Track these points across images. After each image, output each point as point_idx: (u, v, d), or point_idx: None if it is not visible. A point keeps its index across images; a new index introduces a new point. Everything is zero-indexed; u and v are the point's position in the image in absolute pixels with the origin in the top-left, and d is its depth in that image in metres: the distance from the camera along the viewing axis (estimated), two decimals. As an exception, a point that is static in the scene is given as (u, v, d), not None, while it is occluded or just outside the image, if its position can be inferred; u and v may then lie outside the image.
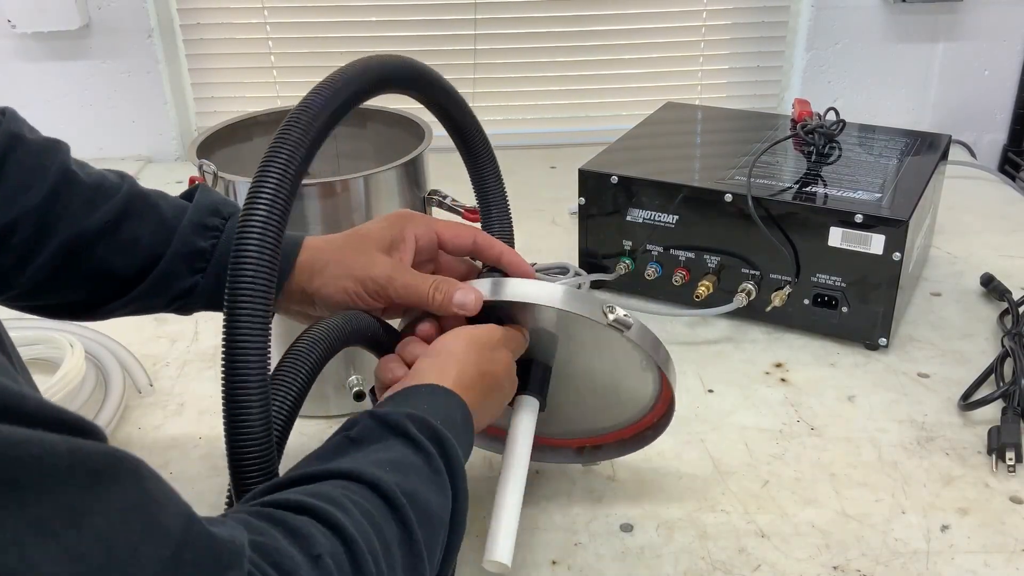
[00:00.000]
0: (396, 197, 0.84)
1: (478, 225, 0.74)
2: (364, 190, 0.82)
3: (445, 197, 0.89)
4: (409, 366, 0.63)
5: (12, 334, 0.93)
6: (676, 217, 1.02)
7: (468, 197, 0.89)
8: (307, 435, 0.86)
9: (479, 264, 0.73)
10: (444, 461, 0.53)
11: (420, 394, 0.57)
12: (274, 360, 0.53)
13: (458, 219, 0.89)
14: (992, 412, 0.86)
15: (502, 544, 0.62)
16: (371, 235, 0.67)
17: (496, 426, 0.75)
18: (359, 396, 0.86)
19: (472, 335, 0.63)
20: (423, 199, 0.87)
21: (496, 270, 0.71)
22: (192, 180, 0.79)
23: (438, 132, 0.88)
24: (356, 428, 0.53)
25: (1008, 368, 0.90)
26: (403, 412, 0.54)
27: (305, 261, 0.67)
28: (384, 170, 0.82)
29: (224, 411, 0.50)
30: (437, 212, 0.89)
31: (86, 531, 0.29)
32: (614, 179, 1.04)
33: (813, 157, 1.08)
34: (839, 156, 1.08)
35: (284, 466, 0.53)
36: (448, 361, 0.61)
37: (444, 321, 0.66)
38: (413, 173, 0.85)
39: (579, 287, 1.08)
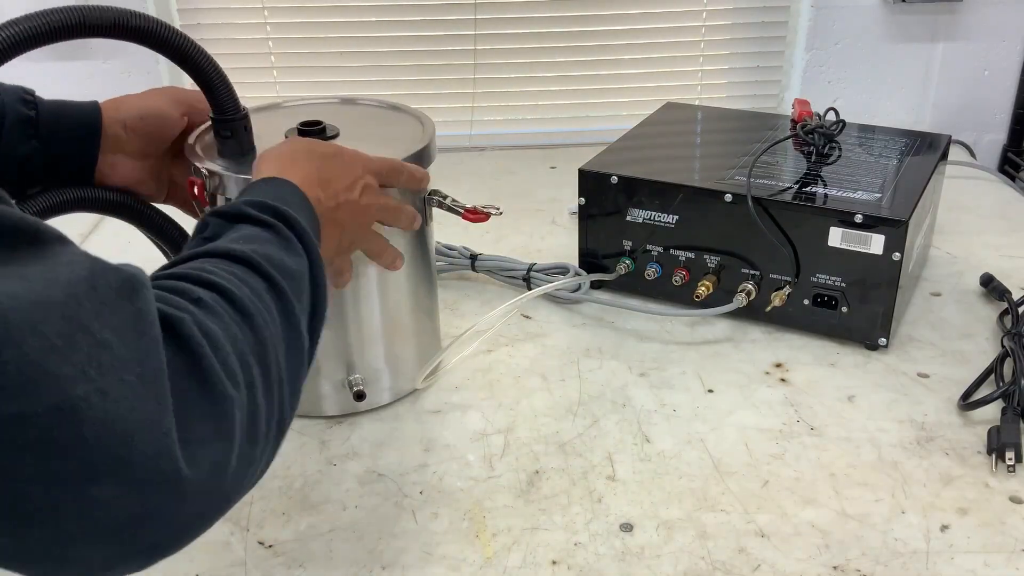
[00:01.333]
0: (398, 196, 0.84)
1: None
2: None
3: (445, 197, 0.88)
4: None
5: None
6: (676, 217, 1.02)
7: (468, 197, 0.89)
8: (307, 435, 0.86)
9: None
10: (290, 230, 0.58)
11: (253, 187, 0.64)
12: None
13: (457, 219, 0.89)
14: (992, 412, 0.86)
15: None
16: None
17: None
18: (359, 396, 0.86)
19: (289, 140, 0.73)
20: (423, 199, 0.87)
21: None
22: (191, 182, 0.79)
23: (441, 132, 0.88)
24: (208, 229, 0.58)
25: (1008, 368, 0.90)
26: (241, 201, 0.60)
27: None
28: None
29: None
30: (437, 213, 0.89)
31: (30, 268, 0.40)
32: (614, 179, 1.04)
33: (813, 157, 1.08)
34: (839, 156, 1.08)
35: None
36: (278, 158, 0.68)
37: None
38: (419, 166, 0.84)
39: (579, 287, 1.08)
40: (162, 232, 0.82)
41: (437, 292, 0.94)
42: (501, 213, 0.88)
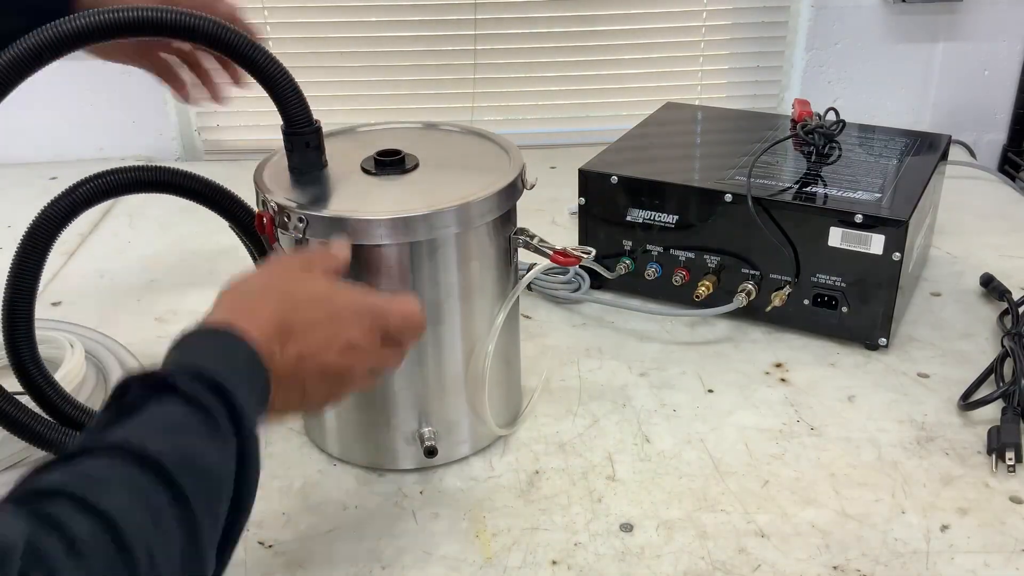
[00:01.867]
0: (486, 237, 0.76)
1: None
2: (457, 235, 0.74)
3: (532, 237, 0.79)
4: None
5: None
6: (676, 217, 1.02)
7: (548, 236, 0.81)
8: (307, 436, 0.86)
9: None
10: (226, 410, 0.51)
11: (194, 339, 0.56)
12: None
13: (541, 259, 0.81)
14: (992, 412, 0.86)
15: None
16: None
17: None
18: (430, 452, 0.78)
19: (271, 265, 0.66)
20: (508, 238, 0.79)
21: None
22: (259, 215, 0.73)
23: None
24: (127, 395, 0.51)
25: (1008, 368, 0.90)
26: (171, 368, 0.52)
27: None
28: (477, 200, 0.73)
29: None
30: (523, 253, 0.81)
31: None
32: (614, 179, 1.04)
33: (813, 157, 1.08)
34: (839, 156, 1.08)
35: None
36: (242, 296, 0.60)
37: None
38: (506, 203, 0.77)
39: (578, 288, 1.08)
40: (236, 220, 0.84)
41: (519, 337, 0.87)
42: (592, 255, 0.79)
